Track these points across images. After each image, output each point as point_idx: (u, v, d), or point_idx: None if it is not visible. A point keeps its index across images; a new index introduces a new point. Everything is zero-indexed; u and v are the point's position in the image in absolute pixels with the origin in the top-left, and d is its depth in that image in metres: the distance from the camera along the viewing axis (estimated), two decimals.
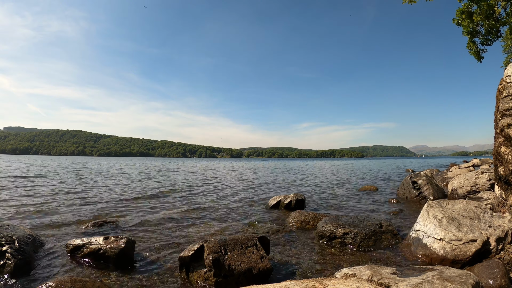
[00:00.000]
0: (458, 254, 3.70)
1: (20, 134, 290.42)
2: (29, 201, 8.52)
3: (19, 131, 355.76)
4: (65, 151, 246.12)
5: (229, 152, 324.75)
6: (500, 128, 4.44)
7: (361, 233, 4.81)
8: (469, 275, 2.66)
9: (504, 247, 3.74)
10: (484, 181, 8.19)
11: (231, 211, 7.71)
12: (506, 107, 4.48)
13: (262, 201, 9.36)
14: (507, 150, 4.21)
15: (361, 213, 7.49)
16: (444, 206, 4.60)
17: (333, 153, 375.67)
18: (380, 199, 9.77)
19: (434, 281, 2.49)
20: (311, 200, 9.68)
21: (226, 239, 3.68)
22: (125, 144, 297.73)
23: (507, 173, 4.19)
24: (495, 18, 7.18)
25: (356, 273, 2.84)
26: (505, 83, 4.84)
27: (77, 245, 4.16)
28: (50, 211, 7.19)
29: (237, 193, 11.52)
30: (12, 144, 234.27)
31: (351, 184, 15.39)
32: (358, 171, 28.00)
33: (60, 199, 9.14)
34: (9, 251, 3.71)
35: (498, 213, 4.39)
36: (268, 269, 3.48)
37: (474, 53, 7.95)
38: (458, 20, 7.63)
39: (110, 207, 8.00)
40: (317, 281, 2.38)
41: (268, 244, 4.08)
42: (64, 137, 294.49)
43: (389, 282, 2.56)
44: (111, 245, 4.02)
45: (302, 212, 6.67)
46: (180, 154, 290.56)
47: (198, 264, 3.53)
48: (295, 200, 8.07)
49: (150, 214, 7.18)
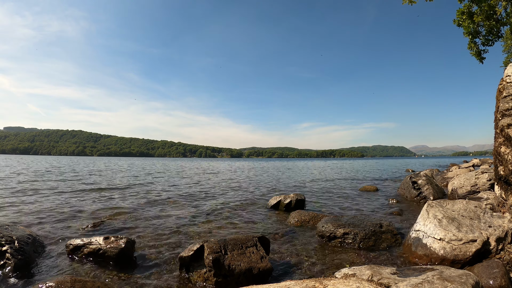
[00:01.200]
0: (458, 254, 3.70)
1: (20, 134, 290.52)
2: (29, 201, 8.52)
3: (19, 131, 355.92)
4: (65, 151, 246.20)
5: (229, 152, 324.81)
6: (500, 128, 4.44)
7: (361, 233, 4.81)
8: (469, 275, 2.66)
9: (504, 247, 3.74)
10: (484, 181, 8.19)
11: (231, 211, 7.71)
12: (506, 107, 4.48)
13: (262, 201, 9.36)
14: (507, 150, 4.21)
15: (361, 213, 7.49)
16: (444, 206, 4.60)
17: (333, 153, 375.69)
18: (380, 199, 9.77)
19: (434, 281, 2.49)
20: (311, 200, 9.68)
21: (226, 239, 3.67)
22: (125, 144, 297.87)
23: (507, 173, 4.19)
24: (495, 19, 7.18)
25: (356, 273, 2.84)
26: (505, 83, 4.84)
27: (77, 245, 4.16)
28: (50, 211, 7.19)
29: (237, 193, 11.52)
30: (12, 144, 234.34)
31: (351, 184, 15.39)
32: (358, 171, 27.99)
33: (60, 198, 9.14)
34: (9, 251, 3.71)
35: (498, 213, 4.39)
36: (268, 269, 3.48)
37: (475, 53, 7.95)
38: (459, 21, 7.63)
39: (110, 207, 8.00)
40: (317, 281, 2.38)
41: (268, 244, 4.08)
42: (64, 137, 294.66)
43: (389, 282, 2.56)
44: (111, 245, 4.02)
45: (302, 212, 6.67)
46: (180, 154, 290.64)
47: (198, 264, 3.53)
48: (295, 200, 8.07)
49: (150, 214, 7.18)
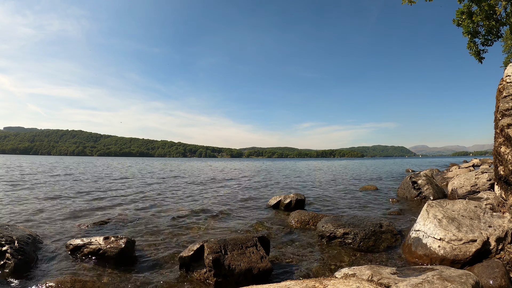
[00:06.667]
0: (458, 254, 3.70)
1: (20, 134, 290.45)
2: (29, 201, 8.52)
3: (19, 131, 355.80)
4: (65, 151, 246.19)
5: (229, 152, 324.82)
6: (500, 128, 4.44)
7: (361, 233, 4.81)
8: (469, 275, 2.66)
9: (504, 247, 3.74)
10: (484, 181, 8.19)
11: (231, 211, 7.71)
12: (506, 107, 4.48)
13: (262, 201, 9.36)
14: (507, 150, 4.21)
15: (361, 213, 7.49)
16: (444, 206, 4.60)
17: (333, 153, 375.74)
18: (380, 199, 9.77)
19: (434, 281, 2.49)
20: (311, 200, 9.68)
21: (226, 239, 3.67)
22: (125, 144, 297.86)
23: (507, 173, 4.20)
24: (495, 19, 7.18)
25: (356, 273, 2.84)
26: (505, 83, 4.85)
27: (77, 245, 4.16)
28: (50, 211, 7.19)
29: (236, 193, 11.52)
30: (12, 144, 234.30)
31: (351, 184, 15.39)
32: (358, 171, 28.00)
33: (60, 199, 9.14)
34: (9, 251, 3.71)
35: (498, 213, 4.39)
36: (268, 269, 3.48)
37: (475, 53, 7.96)
38: (458, 21, 7.64)
39: (110, 207, 8.01)
40: (317, 281, 2.38)
41: (268, 244, 4.08)
42: (64, 137, 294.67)
43: (389, 282, 2.56)
44: (111, 245, 4.02)
45: (302, 212, 6.67)
46: (180, 154, 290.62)
47: (198, 264, 3.53)
48: (295, 200, 8.07)
49: (150, 214, 7.18)
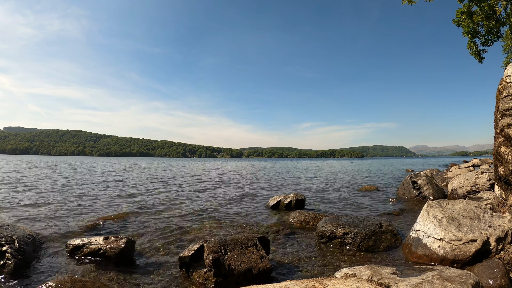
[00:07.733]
0: (458, 254, 3.70)
1: (20, 134, 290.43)
2: (29, 201, 8.52)
3: (19, 131, 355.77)
4: (65, 151, 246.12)
5: (229, 152, 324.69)
6: (500, 128, 4.44)
7: (361, 233, 4.81)
8: (469, 275, 2.66)
9: (504, 247, 3.74)
10: (484, 181, 8.19)
11: (231, 211, 7.71)
12: (506, 107, 4.48)
13: (262, 201, 9.36)
14: (507, 150, 4.21)
15: (361, 213, 7.49)
16: (444, 206, 4.60)
17: (333, 153, 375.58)
18: (380, 199, 9.77)
19: (434, 281, 2.49)
20: (311, 200, 9.68)
21: (226, 239, 3.67)
22: (125, 144, 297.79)
23: (507, 173, 4.20)
24: (495, 18, 7.18)
25: (356, 273, 2.84)
26: (505, 83, 4.85)
27: (77, 245, 4.16)
28: (50, 211, 7.19)
29: (236, 193, 11.51)
30: (12, 144, 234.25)
31: (351, 184, 15.39)
32: (358, 171, 28.00)
33: (60, 198, 9.14)
34: (9, 251, 3.71)
35: (498, 213, 4.39)
36: (268, 269, 3.48)
37: (475, 53, 7.96)
38: (458, 21, 7.63)
39: (110, 207, 8.00)
40: (317, 281, 2.38)
41: (268, 244, 4.08)
42: (64, 137, 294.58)
43: (389, 282, 2.56)
44: (111, 245, 4.02)
45: (302, 212, 6.67)
46: (180, 154, 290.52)
47: (198, 264, 3.53)
48: (295, 200, 8.07)
49: (150, 214, 7.18)
